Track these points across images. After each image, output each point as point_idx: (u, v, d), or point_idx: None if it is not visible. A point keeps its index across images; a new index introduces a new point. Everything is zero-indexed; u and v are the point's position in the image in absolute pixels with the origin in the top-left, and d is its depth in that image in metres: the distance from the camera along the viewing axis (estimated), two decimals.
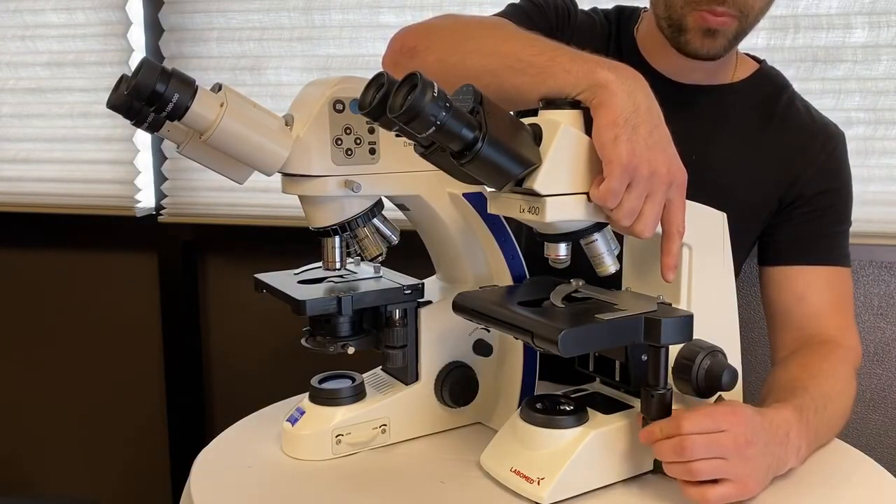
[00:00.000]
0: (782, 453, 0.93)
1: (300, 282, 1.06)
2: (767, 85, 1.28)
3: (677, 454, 0.86)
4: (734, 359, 0.95)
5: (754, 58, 1.33)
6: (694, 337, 0.87)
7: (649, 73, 1.18)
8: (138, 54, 1.94)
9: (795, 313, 1.19)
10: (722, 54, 1.16)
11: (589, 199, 0.82)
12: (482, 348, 1.07)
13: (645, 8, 1.28)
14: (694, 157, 0.84)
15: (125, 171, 1.98)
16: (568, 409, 0.92)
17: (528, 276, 1.08)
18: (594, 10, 1.31)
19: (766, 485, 0.91)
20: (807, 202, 1.22)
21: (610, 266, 0.88)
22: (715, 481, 0.87)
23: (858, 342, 1.18)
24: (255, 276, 1.10)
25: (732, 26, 1.12)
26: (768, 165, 1.22)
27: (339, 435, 1.01)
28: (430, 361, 1.06)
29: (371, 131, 0.97)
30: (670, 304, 0.91)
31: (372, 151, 0.97)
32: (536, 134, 0.80)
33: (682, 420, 0.86)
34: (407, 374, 1.06)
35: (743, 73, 1.27)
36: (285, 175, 0.97)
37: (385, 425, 1.04)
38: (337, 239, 1.01)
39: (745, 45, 1.63)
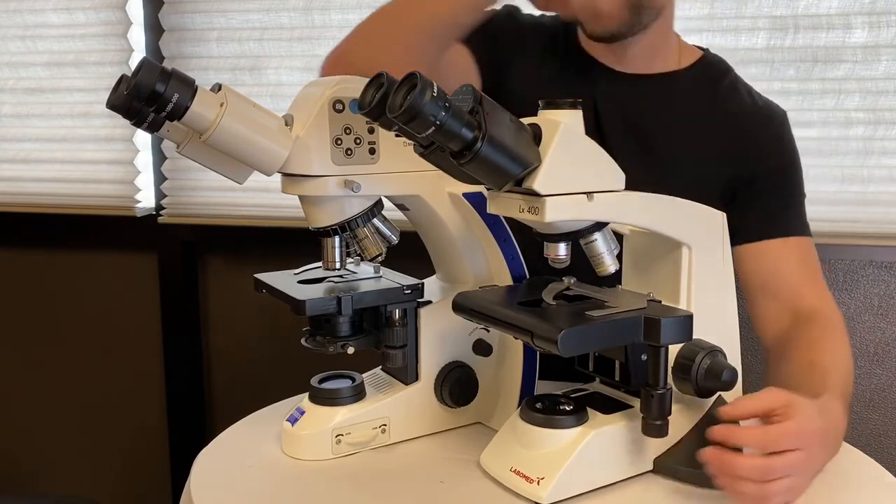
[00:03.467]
0: (828, 462, 0.95)
1: (300, 282, 1.06)
2: (711, 72, 1.32)
3: (762, 475, 0.85)
4: (734, 359, 0.95)
5: (699, 47, 1.36)
6: (694, 337, 0.87)
7: (595, 65, 1.27)
8: (138, 54, 1.94)
9: (772, 285, 1.23)
10: (621, 32, 1.19)
11: (589, 199, 0.82)
12: (482, 348, 1.07)
13: None
14: (650, 145, 0.85)
15: (125, 171, 1.98)
16: (568, 409, 0.92)
17: (528, 276, 1.08)
18: (542, 17, 1.36)
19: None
20: (761, 180, 1.26)
21: (610, 266, 0.88)
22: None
23: (837, 308, 1.23)
24: (255, 276, 1.10)
25: (615, 3, 1.15)
26: (718, 150, 1.26)
27: (339, 435, 1.01)
28: (430, 361, 1.06)
29: (371, 131, 0.97)
30: (660, 301, 0.92)
31: (372, 151, 0.97)
32: (536, 134, 0.80)
33: (770, 436, 0.86)
34: (407, 374, 1.06)
35: (687, 62, 1.31)
36: (285, 175, 0.97)
37: (385, 425, 1.04)
38: (337, 239, 1.01)
39: (745, 45, 1.64)
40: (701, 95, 1.29)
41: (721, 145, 1.26)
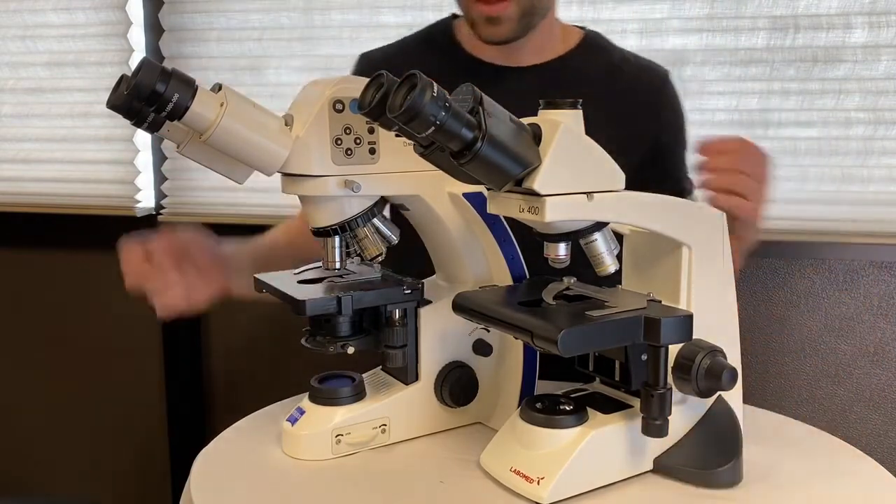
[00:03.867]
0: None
1: (300, 282, 1.06)
2: (595, 48, 1.34)
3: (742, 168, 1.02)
4: (734, 359, 0.95)
5: (577, 25, 1.38)
6: (694, 337, 0.87)
7: (482, 65, 1.28)
8: (138, 54, 1.94)
9: None
10: (516, 36, 1.20)
11: (589, 199, 0.82)
12: (482, 348, 1.07)
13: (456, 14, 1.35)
14: None
15: (125, 171, 1.98)
16: (568, 408, 0.92)
17: (528, 276, 1.08)
18: (403, 39, 1.37)
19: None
20: (668, 143, 1.31)
21: (610, 266, 0.88)
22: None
23: None
24: (255, 276, 1.10)
25: (510, 10, 1.16)
26: (622, 123, 1.26)
27: (339, 435, 1.01)
28: (430, 361, 1.06)
29: (371, 131, 0.97)
30: (660, 301, 0.92)
31: (372, 151, 0.97)
32: (536, 134, 0.80)
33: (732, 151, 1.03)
34: (407, 373, 1.06)
35: (572, 42, 1.32)
36: (285, 175, 0.97)
37: (385, 425, 1.04)
38: (337, 239, 1.01)
39: (745, 45, 1.64)
40: (594, 73, 1.30)
41: (628, 119, 1.27)
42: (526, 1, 1.17)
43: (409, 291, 1.03)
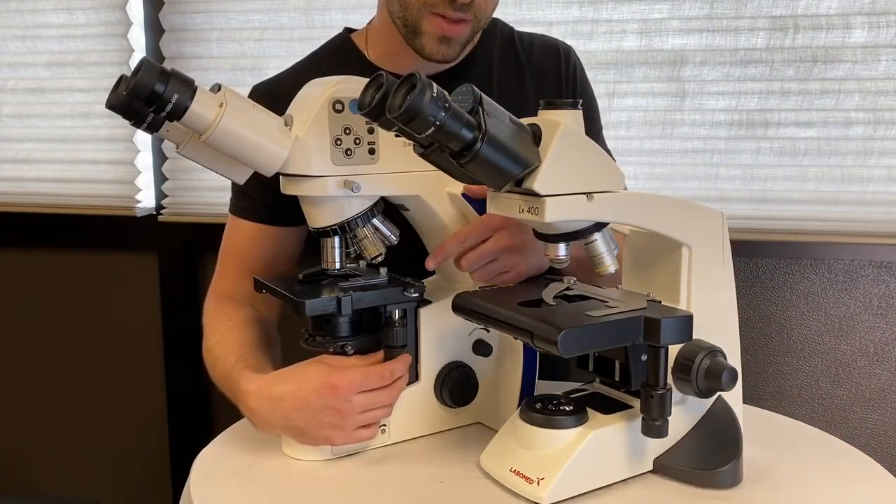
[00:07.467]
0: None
1: (300, 282, 1.06)
2: (498, 36, 1.32)
3: (472, 265, 1.03)
4: (734, 359, 0.95)
5: None
6: (694, 337, 0.87)
7: (395, 76, 1.22)
8: (138, 54, 1.94)
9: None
10: (456, 58, 1.19)
11: (588, 199, 0.82)
12: (482, 348, 1.07)
13: (350, 29, 1.34)
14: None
15: (125, 171, 1.98)
16: (568, 409, 0.92)
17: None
18: (297, 63, 1.33)
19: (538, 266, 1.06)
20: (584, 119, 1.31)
21: (610, 266, 0.88)
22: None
23: None
24: (255, 276, 1.10)
25: (466, 32, 1.14)
26: (534, 102, 1.25)
27: None
28: (430, 361, 1.06)
29: (370, 131, 0.97)
30: (660, 302, 0.92)
31: (371, 151, 0.97)
32: (536, 134, 0.80)
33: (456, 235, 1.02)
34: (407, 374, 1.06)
35: (475, 37, 1.29)
36: (285, 175, 0.97)
37: (385, 425, 1.04)
38: (337, 239, 1.02)
39: (745, 45, 1.64)
40: (504, 63, 1.29)
41: (538, 97, 1.26)
42: (477, 25, 1.15)
43: (409, 291, 1.03)
